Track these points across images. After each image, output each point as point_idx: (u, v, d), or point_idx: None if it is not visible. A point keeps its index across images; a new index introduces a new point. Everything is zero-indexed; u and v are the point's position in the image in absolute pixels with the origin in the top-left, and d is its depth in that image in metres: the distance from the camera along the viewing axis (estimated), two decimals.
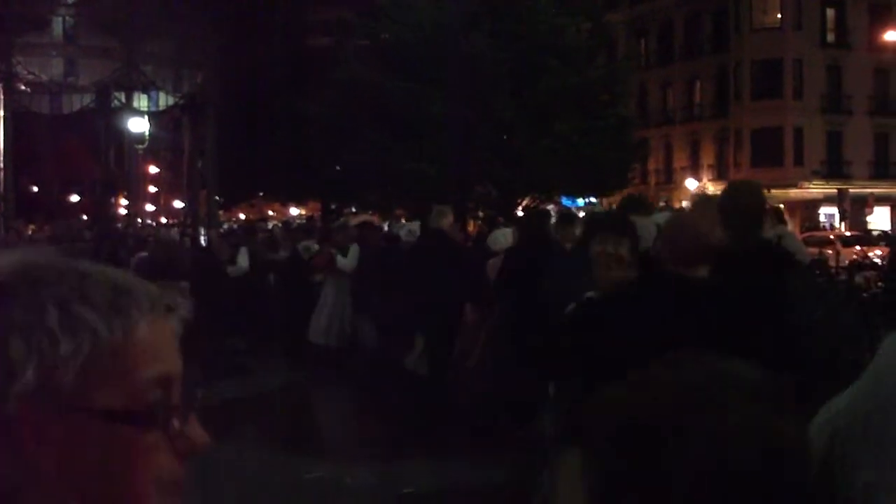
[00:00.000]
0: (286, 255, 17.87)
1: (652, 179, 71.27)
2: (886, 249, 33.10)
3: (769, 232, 7.23)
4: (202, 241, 27.32)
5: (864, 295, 14.35)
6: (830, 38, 67.53)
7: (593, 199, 46.73)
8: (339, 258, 14.64)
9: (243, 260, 17.72)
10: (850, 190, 56.78)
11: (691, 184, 65.84)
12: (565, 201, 41.92)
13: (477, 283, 10.76)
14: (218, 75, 41.26)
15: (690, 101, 72.41)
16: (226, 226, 42.75)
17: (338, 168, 41.04)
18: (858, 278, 17.03)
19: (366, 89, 36.10)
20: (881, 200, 59.56)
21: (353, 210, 46.44)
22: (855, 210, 55.98)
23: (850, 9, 67.15)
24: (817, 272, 14.13)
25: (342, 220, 21.88)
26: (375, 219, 35.05)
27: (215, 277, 16.13)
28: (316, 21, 63.37)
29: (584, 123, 35.44)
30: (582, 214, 16.14)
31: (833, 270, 20.05)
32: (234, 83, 48.10)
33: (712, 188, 64.75)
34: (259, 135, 50.71)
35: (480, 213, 35.00)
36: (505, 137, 35.17)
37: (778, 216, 11.91)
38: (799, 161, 64.22)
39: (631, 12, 71.58)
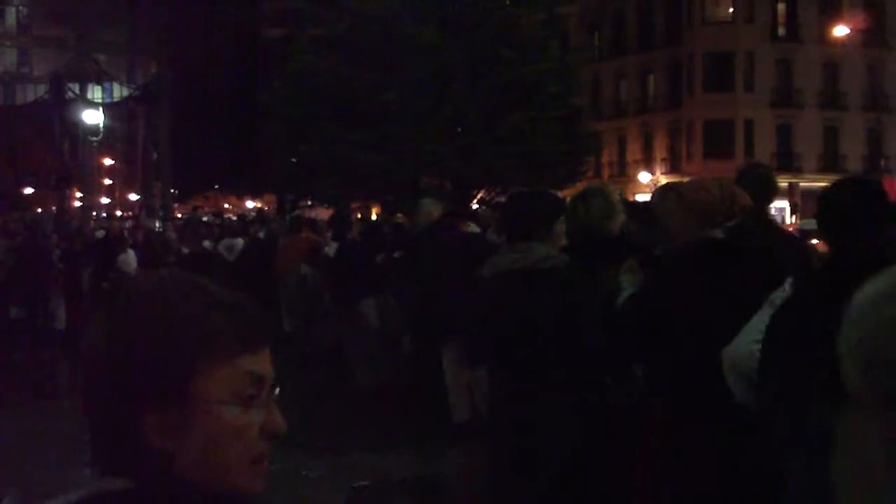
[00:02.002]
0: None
1: (605, 172, 71.59)
2: None
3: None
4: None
5: None
6: (781, 31, 68.05)
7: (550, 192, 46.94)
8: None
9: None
10: (801, 184, 57.27)
11: (644, 177, 66.20)
12: None
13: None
14: (172, 66, 41.12)
15: (643, 93, 72.71)
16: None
17: (293, 160, 40.93)
18: None
19: (320, 80, 36.05)
20: None
21: (309, 203, 46.30)
22: (805, 203, 56.48)
23: (800, 3, 67.67)
24: None
25: (297, 212, 21.87)
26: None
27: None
28: (270, 11, 63.14)
29: (536, 115, 35.51)
30: None
31: None
32: (188, 74, 47.94)
33: (665, 181, 65.14)
34: (214, 126, 50.54)
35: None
36: (458, 129, 35.21)
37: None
38: (750, 154, 64.61)
39: (584, 4, 71.74)
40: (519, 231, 5.44)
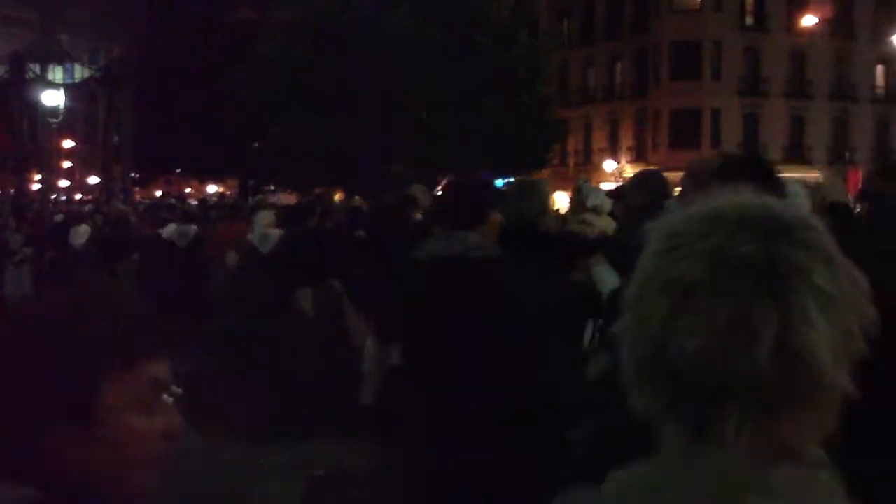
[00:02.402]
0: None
1: (571, 160, 71.67)
2: None
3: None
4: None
5: None
6: (749, 20, 68.24)
7: (512, 180, 46.82)
8: None
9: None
10: None
11: (609, 165, 66.24)
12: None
13: None
14: (136, 48, 40.70)
15: (611, 81, 72.82)
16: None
17: (256, 145, 40.69)
18: None
19: (288, 64, 35.82)
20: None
21: (272, 188, 46.06)
22: None
23: None
24: None
25: (259, 197, 21.69)
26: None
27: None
28: None
29: (505, 102, 35.50)
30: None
31: None
32: (152, 57, 47.55)
33: (630, 170, 65.25)
34: (177, 110, 50.15)
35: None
36: (425, 115, 35.10)
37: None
38: (716, 143, 64.79)
39: None
40: (453, 219, 5.25)
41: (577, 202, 9.34)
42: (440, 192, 9.38)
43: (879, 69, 70.70)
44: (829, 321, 1.27)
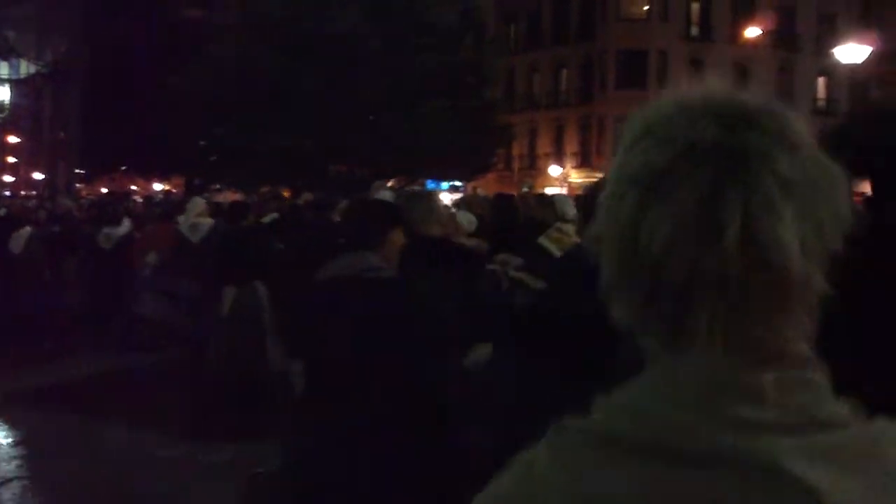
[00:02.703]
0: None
1: (516, 165, 71.93)
2: None
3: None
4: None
5: None
6: (694, 31, 68.77)
7: (458, 183, 47.01)
8: None
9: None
10: None
11: (554, 170, 66.57)
12: (430, 184, 42.10)
13: None
14: (83, 44, 40.48)
15: (556, 87, 73.06)
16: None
17: (202, 143, 40.56)
18: None
19: (234, 63, 35.78)
20: None
21: (218, 187, 45.91)
22: None
23: (714, 3, 68.47)
24: None
25: (206, 195, 21.68)
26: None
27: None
28: None
29: (450, 105, 35.60)
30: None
31: None
32: (99, 53, 47.26)
33: (575, 175, 65.71)
34: (124, 107, 49.88)
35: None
36: (371, 117, 35.17)
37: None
38: None
39: None
40: (353, 239, 5.43)
41: (553, 213, 9.56)
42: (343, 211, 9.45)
43: (821, 81, 71.56)
44: (797, 212, 1.23)
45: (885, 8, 65.89)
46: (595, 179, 46.59)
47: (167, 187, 67.53)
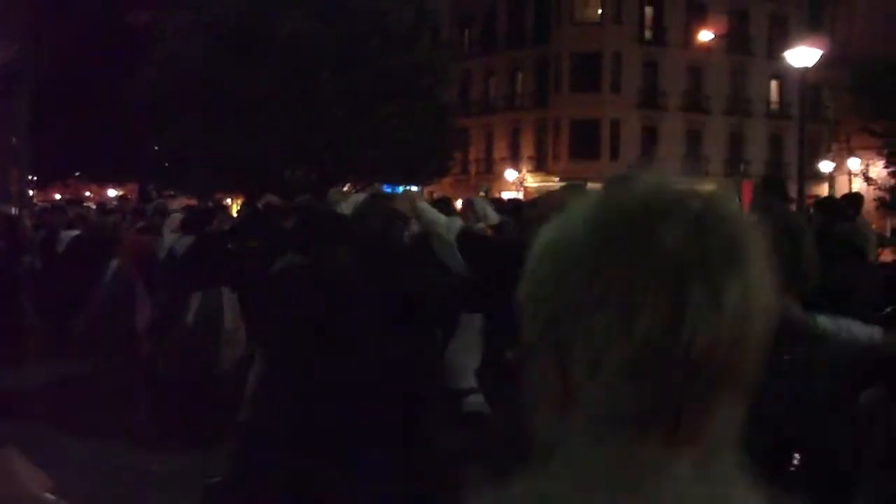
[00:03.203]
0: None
1: (472, 169, 72.00)
2: None
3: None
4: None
5: None
6: (648, 34, 69.18)
7: (414, 187, 46.97)
8: None
9: None
10: None
11: (511, 174, 66.71)
12: (386, 188, 41.91)
13: None
14: (33, 48, 40.12)
15: (512, 91, 73.19)
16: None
17: (156, 148, 40.31)
18: None
19: (187, 67, 35.56)
20: None
21: (172, 193, 45.62)
22: None
23: (667, 7, 68.88)
24: None
25: (159, 201, 21.49)
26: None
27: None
28: None
29: (405, 109, 35.55)
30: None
31: None
32: (50, 57, 46.87)
33: (531, 179, 65.84)
34: (76, 112, 49.48)
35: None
36: (324, 120, 35.05)
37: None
38: (615, 154, 65.56)
39: (455, 0, 72.07)
40: (299, 247, 5.57)
41: (472, 215, 9.64)
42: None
43: (774, 84, 72.15)
44: (729, 319, 1.23)
45: (836, 10, 66.49)
46: (551, 185, 46.47)
47: (121, 193, 67.02)
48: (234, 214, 17.51)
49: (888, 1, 29.15)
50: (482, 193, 45.74)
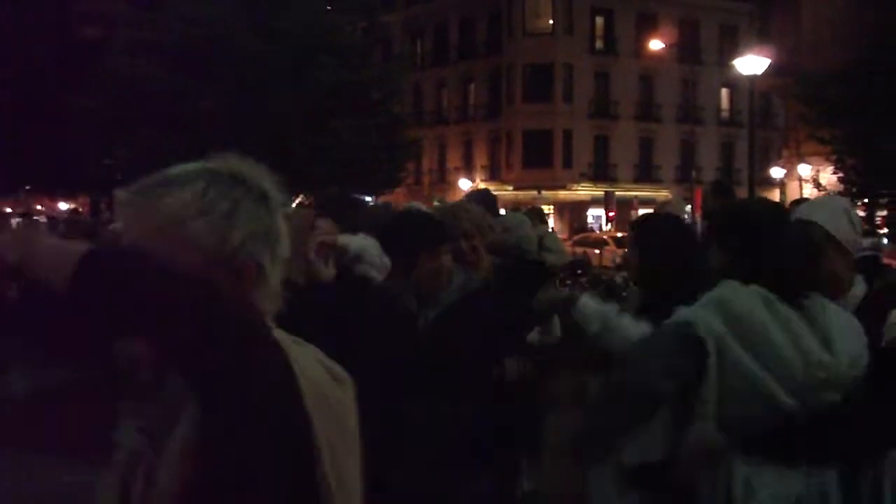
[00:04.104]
0: None
1: (426, 179, 72.04)
2: None
3: (532, 231, 7.63)
4: None
5: (623, 294, 14.86)
6: (599, 45, 69.50)
7: (367, 198, 46.96)
8: None
9: None
10: (617, 192, 58.59)
11: (464, 184, 66.82)
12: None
13: None
14: None
15: (465, 102, 73.30)
16: None
17: (107, 162, 40.10)
18: (618, 278, 17.58)
19: (136, 83, 35.43)
20: (645, 203, 61.58)
21: None
22: (621, 212, 57.79)
23: (617, 17, 69.24)
24: (579, 271, 14.51)
25: (108, 215, 21.46)
26: None
27: None
28: (87, 11, 61.50)
29: (357, 122, 35.57)
30: None
31: (597, 270, 20.75)
32: (0, 70, 46.56)
33: (483, 188, 65.84)
34: (26, 125, 49.12)
35: None
36: (277, 135, 35.00)
37: (539, 216, 12.06)
38: (568, 163, 65.89)
39: (406, 13, 72.05)
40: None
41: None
42: None
43: (724, 93, 72.73)
44: None
45: (784, 19, 67.12)
46: (504, 193, 46.50)
47: (73, 206, 66.60)
48: None
49: (833, 12, 29.52)
50: (436, 203, 45.80)
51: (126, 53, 37.44)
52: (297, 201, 36.18)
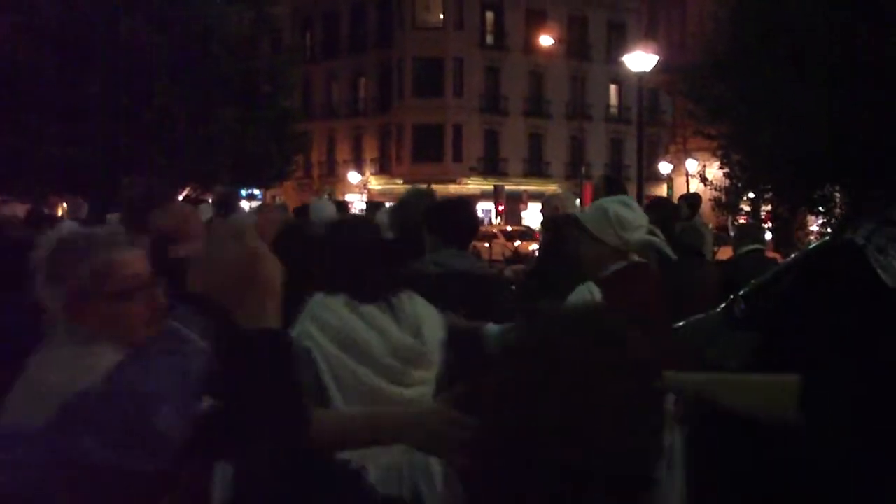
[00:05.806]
0: None
1: (315, 171, 71.74)
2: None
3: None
4: None
5: (513, 287, 14.81)
6: (489, 39, 69.72)
7: (256, 191, 46.49)
8: None
9: None
10: (506, 187, 58.80)
11: (354, 177, 66.66)
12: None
13: None
14: None
15: (355, 96, 73.08)
16: None
17: None
18: (508, 272, 17.51)
19: (15, 70, 34.59)
20: (534, 197, 61.90)
21: (4, 198, 44.32)
22: (510, 206, 58.07)
23: (507, 12, 69.52)
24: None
25: None
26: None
27: None
28: None
29: (246, 114, 35.20)
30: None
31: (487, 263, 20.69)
32: None
33: (375, 181, 65.90)
34: None
35: None
36: (164, 125, 34.43)
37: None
38: (458, 157, 66.05)
39: (295, 3, 71.49)
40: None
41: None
42: None
43: (613, 89, 73.51)
44: None
45: (671, 17, 67.92)
46: (395, 187, 46.51)
47: None
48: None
49: (716, 6, 29.83)
50: (326, 196, 45.55)
51: (4, 38, 36.52)
52: (184, 194, 35.82)
